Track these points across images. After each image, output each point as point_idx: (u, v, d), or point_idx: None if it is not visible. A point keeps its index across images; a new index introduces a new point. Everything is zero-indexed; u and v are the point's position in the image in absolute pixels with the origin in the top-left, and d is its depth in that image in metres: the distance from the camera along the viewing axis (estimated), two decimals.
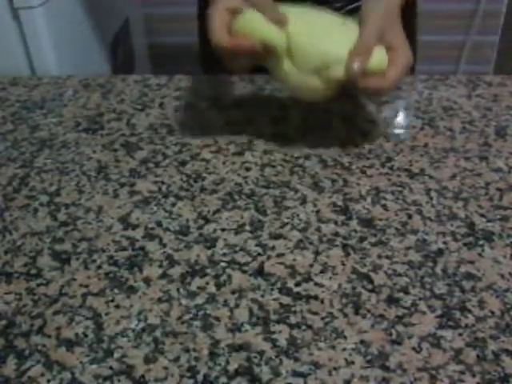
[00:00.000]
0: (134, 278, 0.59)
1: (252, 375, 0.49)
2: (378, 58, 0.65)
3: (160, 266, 0.60)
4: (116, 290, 0.58)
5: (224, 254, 0.61)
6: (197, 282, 0.58)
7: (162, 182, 0.71)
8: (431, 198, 0.67)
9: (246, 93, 0.88)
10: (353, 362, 0.50)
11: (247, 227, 0.64)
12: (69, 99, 0.90)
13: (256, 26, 0.65)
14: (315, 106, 0.83)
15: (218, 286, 0.57)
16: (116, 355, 0.51)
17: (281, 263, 0.60)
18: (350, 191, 0.68)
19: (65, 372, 0.50)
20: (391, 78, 0.66)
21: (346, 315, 0.54)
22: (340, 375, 0.49)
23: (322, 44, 0.65)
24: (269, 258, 0.60)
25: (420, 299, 0.55)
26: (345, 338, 0.52)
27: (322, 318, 0.54)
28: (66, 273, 0.60)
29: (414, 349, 0.51)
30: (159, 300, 0.56)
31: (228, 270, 0.59)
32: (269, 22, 0.66)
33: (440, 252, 0.60)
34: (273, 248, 0.61)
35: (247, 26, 0.66)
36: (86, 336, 0.53)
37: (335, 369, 0.49)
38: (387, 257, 0.60)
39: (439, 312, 0.54)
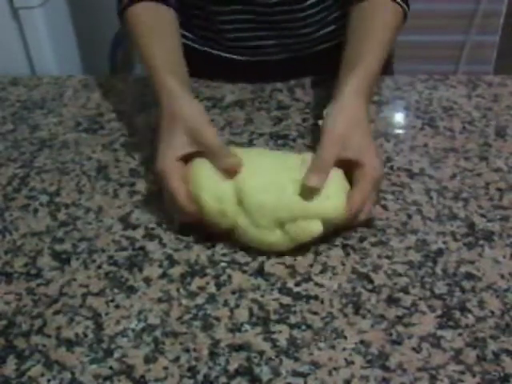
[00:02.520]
0: (134, 278, 0.59)
1: (252, 375, 0.49)
2: (334, 202, 0.59)
3: (160, 266, 0.60)
4: (116, 290, 0.57)
5: (224, 254, 0.61)
6: (197, 282, 0.58)
7: None
8: (431, 198, 0.67)
9: (246, 93, 0.88)
10: (353, 362, 0.50)
11: None
12: (69, 99, 0.90)
13: (203, 184, 0.60)
14: (315, 106, 0.83)
15: (218, 285, 0.57)
16: (116, 355, 0.51)
17: (281, 263, 0.59)
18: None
19: (65, 372, 0.50)
20: (355, 202, 0.59)
21: (345, 315, 0.54)
22: (340, 375, 0.49)
23: (281, 199, 0.58)
24: (269, 257, 0.60)
25: (420, 299, 0.55)
26: (345, 338, 0.52)
27: (322, 318, 0.54)
28: (66, 273, 0.60)
29: (414, 349, 0.51)
30: (159, 300, 0.56)
31: (228, 270, 0.59)
32: (218, 173, 0.60)
33: (440, 252, 0.60)
34: None
35: (195, 184, 0.60)
36: (85, 336, 0.53)
37: (335, 369, 0.49)
38: (387, 257, 0.60)
39: (439, 312, 0.54)
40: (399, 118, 0.83)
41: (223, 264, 0.60)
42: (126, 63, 1.41)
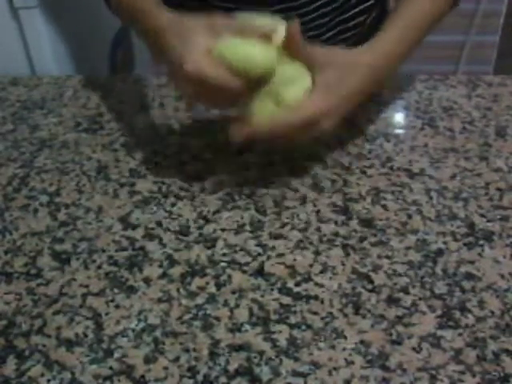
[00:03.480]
0: (134, 278, 0.59)
1: (252, 375, 0.49)
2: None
3: (160, 266, 0.60)
4: (116, 290, 0.58)
5: (224, 254, 0.61)
6: (197, 282, 0.58)
7: (162, 182, 0.71)
8: (431, 198, 0.67)
9: None
10: (353, 362, 0.50)
11: (247, 227, 0.64)
12: (69, 99, 0.90)
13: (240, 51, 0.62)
14: None
15: (218, 285, 0.57)
16: (116, 355, 0.51)
17: (281, 263, 0.60)
18: (349, 191, 0.68)
19: (65, 372, 0.50)
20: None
21: (345, 315, 0.54)
22: (340, 375, 0.49)
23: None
24: (269, 257, 0.60)
25: (420, 299, 0.55)
26: (345, 338, 0.52)
27: (322, 318, 0.54)
28: (66, 273, 0.60)
29: (414, 349, 0.51)
30: (159, 300, 0.56)
31: (228, 270, 0.59)
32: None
33: (440, 252, 0.60)
34: (273, 248, 0.61)
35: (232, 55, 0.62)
36: (86, 336, 0.53)
37: (335, 369, 0.49)
38: (387, 257, 0.60)
39: (439, 312, 0.54)
40: (399, 117, 0.83)
41: (223, 264, 0.60)
42: (126, 63, 1.41)
